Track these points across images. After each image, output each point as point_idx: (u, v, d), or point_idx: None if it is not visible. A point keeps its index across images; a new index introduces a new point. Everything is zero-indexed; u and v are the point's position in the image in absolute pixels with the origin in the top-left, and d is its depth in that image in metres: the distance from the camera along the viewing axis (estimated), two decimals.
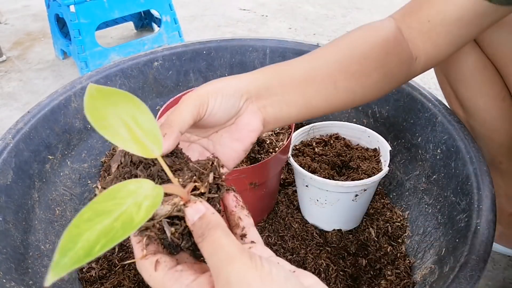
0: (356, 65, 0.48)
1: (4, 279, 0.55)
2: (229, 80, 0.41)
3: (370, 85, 0.50)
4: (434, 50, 0.52)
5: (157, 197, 0.28)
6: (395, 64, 0.51)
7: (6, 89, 1.45)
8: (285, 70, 0.45)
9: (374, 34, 0.51)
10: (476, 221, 0.58)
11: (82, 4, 1.35)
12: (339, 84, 0.47)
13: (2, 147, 0.68)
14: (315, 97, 0.46)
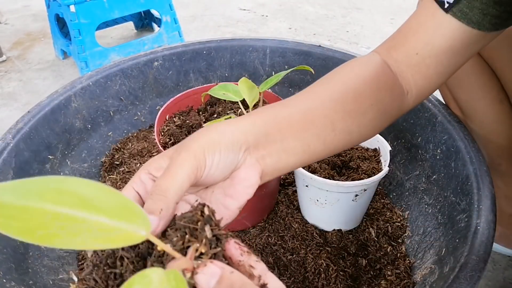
0: (351, 103, 0.45)
1: (4, 279, 0.55)
2: (225, 128, 0.35)
3: (366, 124, 0.47)
4: (424, 82, 0.50)
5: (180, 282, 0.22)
6: (388, 100, 0.48)
7: (6, 89, 1.45)
8: (282, 113, 0.41)
9: (364, 69, 0.48)
10: (476, 221, 0.58)
11: (82, 4, 1.35)
12: (336, 125, 0.44)
13: (2, 147, 0.69)
14: (314, 142, 0.42)
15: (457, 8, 0.45)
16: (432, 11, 0.48)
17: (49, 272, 0.66)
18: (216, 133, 0.35)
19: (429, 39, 0.48)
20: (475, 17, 0.45)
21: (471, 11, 0.45)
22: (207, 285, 0.25)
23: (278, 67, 1.01)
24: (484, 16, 0.45)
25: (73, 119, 0.85)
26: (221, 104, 0.78)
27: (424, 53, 0.48)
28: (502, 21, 0.46)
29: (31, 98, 1.39)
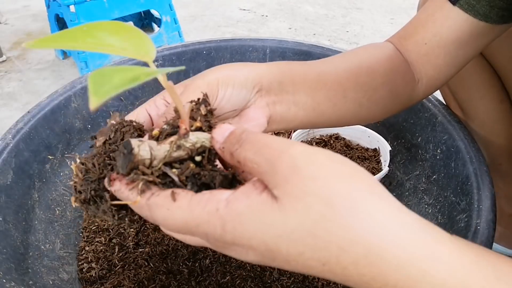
0: (364, 76, 0.47)
1: (4, 279, 0.55)
2: (241, 68, 0.37)
3: (377, 100, 0.48)
4: (434, 72, 0.51)
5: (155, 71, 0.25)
6: (400, 82, 0.50)
7: (6, 89, 1.45)
8: (298, 68, 0.43)
9: (379, 51, 0.50)
10: (476, 221, 0.58)
11: (82, 4, 1.35)
12: (347, 94, 0.45)
13: (2, 147, 0.69)
14: (324, 102, 0.43)
15: (464, 1, 0.46)
16: (440, 3, 0.49)
17: (49, 272, 0.66)
18: (232, 69, 0.36)
19: (437, 30, 0.49)
20: (482, 9, 0.46)
21: (478, 3, 0.46)
22: (220, 136, 0.27)
23: None
24: (491, 9, 0.46)
25: (73, 119, 0.85)
26: None
27: (432, 43, 0.49)
28: (510, 14, 0.46)
29: (31, 98, 1.39)
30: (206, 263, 0.70)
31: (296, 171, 0.22)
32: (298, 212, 0.21)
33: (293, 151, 0.22)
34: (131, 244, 0.73)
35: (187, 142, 0.27)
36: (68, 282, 0.67)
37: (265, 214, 0.22)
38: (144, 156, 0.26)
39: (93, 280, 0.69)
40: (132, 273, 0.69)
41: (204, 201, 0.24)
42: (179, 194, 0.25)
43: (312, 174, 0.21)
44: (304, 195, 0.21)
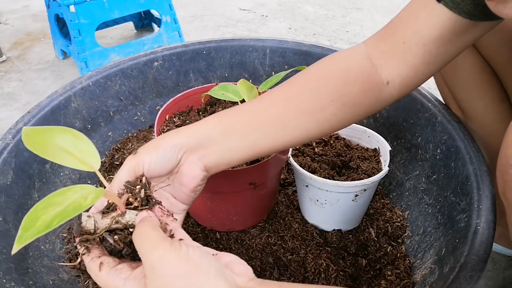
0: (307, 102, 0.49)
1: (4, 279, 0.55)
2: (170, 138, 0.45)
3: (327, 118, 0.50)
4: (410, 71, 0.51)
5: (99, 192, 0.34)
6: (357, 92, 0.50)
7: (6, 89, 1.45)
8: (228, 118, 0.48)
9: (333, 66, 0.52)
10: (476, 221, 0.58)
11: (82, 4, 1.35)
12: (288, 124, 0.48)
13: (2, 147, 0.69)
14: (261, 141, 0.48)
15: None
16: (424, 1, 0.48)
17: (49, 272, 0.66)
18: (161, 140, 0.45)
19: (417, 28, 0.48)
20: (466, 7, 0.45)
21: (463, 1, 0.45)
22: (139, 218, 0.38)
23: (278, 67, 1.01)
24: (475, 7, 0.45)
25: (73, 119, 0.85)
26: (221, 104, 0.78)
27: (411, 42, 0.49)
28: None
29: (31, 98, 1.39)
30: None
31: (154, 270, 0.33)
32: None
33: (154, 253, 0.33)
34: None
35: (123, 219, 0.39)
36: (68, 282, 0.67)
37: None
38: (89, 227, 0.37)
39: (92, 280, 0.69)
40: None
41: (114, 276, 0.36)
42: (103, 265, 0.37)
43: (161, 273, 0.32)
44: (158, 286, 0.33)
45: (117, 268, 0.37)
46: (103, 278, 0.36)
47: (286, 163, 0.82)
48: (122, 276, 0.36)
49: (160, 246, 0.33)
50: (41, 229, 0.30)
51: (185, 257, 0.33)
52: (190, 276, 0.32)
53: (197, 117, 0.76)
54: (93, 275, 0.37)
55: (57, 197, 0.33)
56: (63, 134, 0.38)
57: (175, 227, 0.42)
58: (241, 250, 0.72)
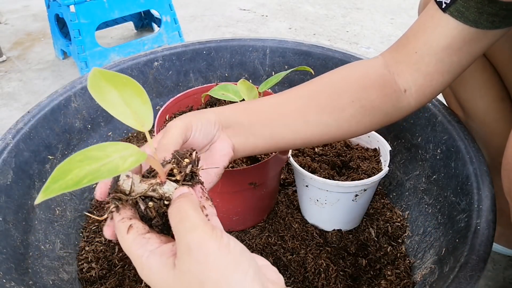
0: (326, 99, 0.50)
1: (4, 279, 0.55)
2: (205, 112, 0.46)
3: (347, 119, 0.51)
4: (425, 80, 0.52)
5: (141, 156, 0.32)
6: (375, 97, 0.51)
7: (6, 89, 1.45)
8: (253, 107, 0.50)
9: (352, 71, 0.53)
10: (476, 221, 0.58)
11: (82, 4, 1.35)
12: (309, 118, 0.50)
13: (2, 147, 0.68)
14: (283, 131, 0.49)
15: (454, 8, 0.47)
16: (432, 12, 0.50)
17: (49, 272, 0.66)
18: (199, 113, 0.45)
19: (427, 38, 0.50)
20: (471, 15, 0.46)
21: (467, 10, 0.46)
22: (179, 193, 0.35)
23: (278, 67, 1.01)
24: (480, 15, 0.46)
25: (73, 119, 0.85)
26: (221, 104, 0.78)
27: (423, 51, 0.50)
28: (500, 19, 0.46)
29: (31, 98, 1.39)
30: None
31: (189, 253, 0.30)
32: (181, 283, 0.31)
33: (193, 235, 0.30)
34: None
35: (160, 189, 0.36)
36: (68, 282, 0.67)
37: (164, 274, 0.32)
38: (125, 188, 0.35)
39: (93, 280, 0.69)
40: (132, 273, 0.69)
41: (139, 245, 0.33)
42: (133, 228, 0.34)
43: (198, 258, 0.30)
44: (188, 272, 0.30)
45: (145, 237, 0.34)
46: (128, 242, 0.34)
47: (286, 163, 0.82)
48: (148, 247, 0.33)
49: (201, 229, 0.31)
50: (70, 185, 0.27)
51: (226, 249, 0.30)
52: (228, 271, 0.30)
53: None
54: (120, 236, 0.34)
55: (96, 151, 0.30)
56: (125, 86, 0.35)
57: (212, 213, 0.38)
58: None
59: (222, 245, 0.30)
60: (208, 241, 0.30)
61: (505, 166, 0.42)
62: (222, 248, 0.30)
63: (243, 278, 0.30)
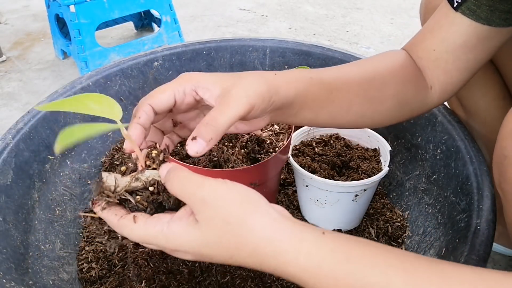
0: (374, 90, 0.49)
1: (4, 279, 0.55)
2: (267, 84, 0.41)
3: (382, 112, 0.51)
4: (445, 77, 0.52)
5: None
6: (411, 92, 0.51)
7: (6, 89, 1.45)
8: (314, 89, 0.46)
9: (394, 60, 0.52)
10: (476, 221, 0.58)
11: (82, 4, 1.35)
12: (352, 108, 0.49)
13: (2, 147, 0.68)
14: (324, 116, 0.48)
15: (465, 6, 0.47)
16: (445, 10, 0.50)
17: (49, 272, 0.66)
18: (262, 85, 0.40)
19: (444, 36, 0.50)
20: (483, 13, 0.47)
21: (479, 8, 0.47)
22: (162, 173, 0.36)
23: (278, 67, 1.01)
24: (492, 13, 0.46)
25: (73, 119, 0.85)
26: None
27: (441, 49, 0.51)
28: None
29: (31, 98, 1.39)
30: (206, 263, 0.70)
31: (206, 204, 0.32)
32: (210, 231, 0.33)
33: (202, 189, 0.33)
34: (131, 244, 0.73)
35: (143, 176, 0.37)
36: (68, 282, 0.67)
37: (191, 232, 0.33)
38: (110, 183, 0.36)
39: (93, 280, 0.69)
40: (132, 273, 0.69)
41: (154, 223, 0.34)
42: (138, 217, 0.35)
43: (215, 204, 0.32)
44: (211, 219, 0.32)
45: (154, 217, 0.35)
46: (140, 229, 0.34)
47: (286, 163, 0.82)
48: (163, 221, 0.34)
49: (207, 182, 0.33)
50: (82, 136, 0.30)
51: (234, 188, 0.33)
52: (244, 203, 0.33)
53: None
54: (127, 230, 0.35)
55: None
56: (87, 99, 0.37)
57: None
58: None
59: (230, 186, 0.33)
60: (217, 188, 0.33)
61: (495, 159, 0.42)
62: (231, 189, 0.33)
63: (257, 205, 0.33)
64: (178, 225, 0.34)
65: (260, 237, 0.32)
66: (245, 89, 0.39)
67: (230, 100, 0.38)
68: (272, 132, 0.77)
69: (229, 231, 0.32)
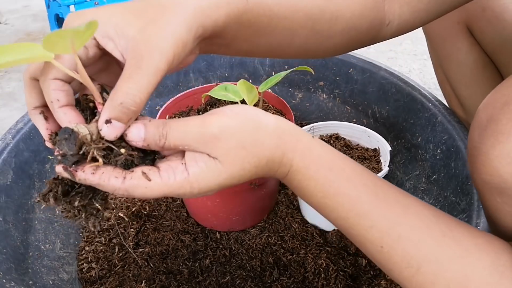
0: (324, 23, 0.43)
1: (4, 279, 0.55)
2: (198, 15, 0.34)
3: (328, 47, 0.47)
4: (411, 16, 0.49)
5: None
6: (364, 28, 0.47)
7: (6, 89, 1.45)
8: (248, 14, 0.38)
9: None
10: (476, 221, 0.58)
11: (82, 4, 1.35)
12: (295, 41, 0.43)
13: (2, 147, 0.69)
14: (263, 47, 0.43)
15: None
16: None
17: (49, 272, 0.66)
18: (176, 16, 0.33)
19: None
20: None
21: None
22: (138, 136, 0.32)
23: (278, 67, 1.01)
24: None
25: None
26: (221, 104, 0.78)
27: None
28: None
29: None
30: (206, 263, 0.70)
31: (219, 139, 0.32)
32: (231, 162, 0.33)
33: (209, 127, 0.32)
34: (131, 244, 0.73)
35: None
36: (68, 282, 0.67)
37: (214, 172, 0.33)
38: (84, 131, 0.30)
39: (93, 280, 0.69)
40: (132, 273, 0.69)
41: (173, 176, 0.32)
42: (149, 173, 0.32)
43: (226, 136, 0.32)
44: (229, 151, 0.33)
45: (164, 169, 0.32)
46: (158, 185, 0.32)
47: None
48: (181, 169, 0.32)
49: (207, 121, 0.32)
50: None
51: (235, 115, 0.33)
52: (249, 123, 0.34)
53: None
54: (140, 190, 0.32)
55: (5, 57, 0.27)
56: None
57: None
58: (241, 250, 0.72)
59: (229, 114, 0.33)
60: (221, 120, 0.32)
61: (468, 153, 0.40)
62: (232, 115, 0.33)
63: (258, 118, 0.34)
64: (198, 168, 0.32)
65: (270, 147, 0.34)
66: (159, 38, 0.31)
67: (142, 62, 0.30)
68: None
69: (247, 155, 0.33)
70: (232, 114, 0.33)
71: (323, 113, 0.99)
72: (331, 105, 0.98)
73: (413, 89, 0.82)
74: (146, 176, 0.32)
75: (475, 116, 0.39)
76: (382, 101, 0.89)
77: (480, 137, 0.36)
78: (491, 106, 0.37)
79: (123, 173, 0.32)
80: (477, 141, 0.37)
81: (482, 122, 0.37)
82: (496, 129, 0.35)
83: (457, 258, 0.34)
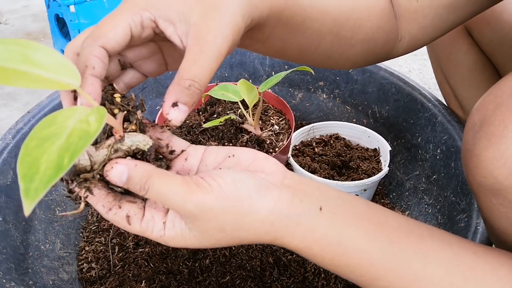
0: (348, 30, 0.45)
1: (4, 279, 0.55)
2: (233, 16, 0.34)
3: (349, 57, 0.48)
4: (419, 32, 0.50)
5: (100, 111, 0.26)
6: (381, 41, 0.48)
7: (6, 89, 1.45)
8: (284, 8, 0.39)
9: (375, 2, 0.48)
10: (476, 221, 0.58)
11: (82, 4, 1.35)
12: (321, 46, 0.45)
13: (2, 147, 0.69)
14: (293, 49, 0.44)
15: None
16: None
17: (49, 272, 0.66)
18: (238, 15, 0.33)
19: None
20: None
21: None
22: (119, 180, 0.31)
23: (278, 67, 1.01)
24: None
25: None
26: (221, 104, 0.78)
27: (424, 2, 0.48)
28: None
29: (31, 98, 1.39)
30: (206, 263, 0.70)
31: (197, 218, 0.31)
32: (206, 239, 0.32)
33: (188, 204, 0.30)
34: (131, 244, 0.73)
35: (123, 146, 0.31)
36: (68, 282, 0.67)
37: (187, 239, 0.33)
38: (84, 164, 0.30)
39: (93, 280, 0.69)
40: (132, 273, 0.69)
41: (150, 231, 0.33)
42: (132, 218, 0.33)
43: (207, 217, 0.31)
44: (207, 230, 0.32)
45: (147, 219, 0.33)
46: (138, 231, 0.33)
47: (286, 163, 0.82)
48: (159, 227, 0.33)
49: (190, 194, 0.30)
50: (52, 174, 0.22)
51: (222, 195, 0.31)
52: (236, 207, 0.31)
53: (197, 117, 0.76)
54: (123, 227, 0.33)
55: (46, 129, 0.24)
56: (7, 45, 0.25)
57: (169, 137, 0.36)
58: (241, 250, 0.72)
59: (216, 192, 0.31)
60: (204, 200, 0.30)
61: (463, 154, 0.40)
62: (218, 197, 0.31)
63: (250, 202, 0.31)
64: (173, 233, 0.33)
65: (258, 232, 0.33)
66: (221, 24, 0.31)
67: (206, 47, 0.31)
68: (272, 132, 0.77)
69: (225, 236, 0.32)
70: (220, 193, 0.31)
71: (323, 113, 0.99)
72: (331, 105, 0.99)
73: (413, 89, 0.82)
74: (128, 220, 0.33)
75: (469, 118, 0.39)
76: (382, 101, 0.89)
77: (473, 139, 0.36)
78: (484, 108, 0.37)
79: (112, 203, 0.33)
80: (471, 143, 0.37)
81: (475, 124, 0.37)
82: (488, 131, 0.35)
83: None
